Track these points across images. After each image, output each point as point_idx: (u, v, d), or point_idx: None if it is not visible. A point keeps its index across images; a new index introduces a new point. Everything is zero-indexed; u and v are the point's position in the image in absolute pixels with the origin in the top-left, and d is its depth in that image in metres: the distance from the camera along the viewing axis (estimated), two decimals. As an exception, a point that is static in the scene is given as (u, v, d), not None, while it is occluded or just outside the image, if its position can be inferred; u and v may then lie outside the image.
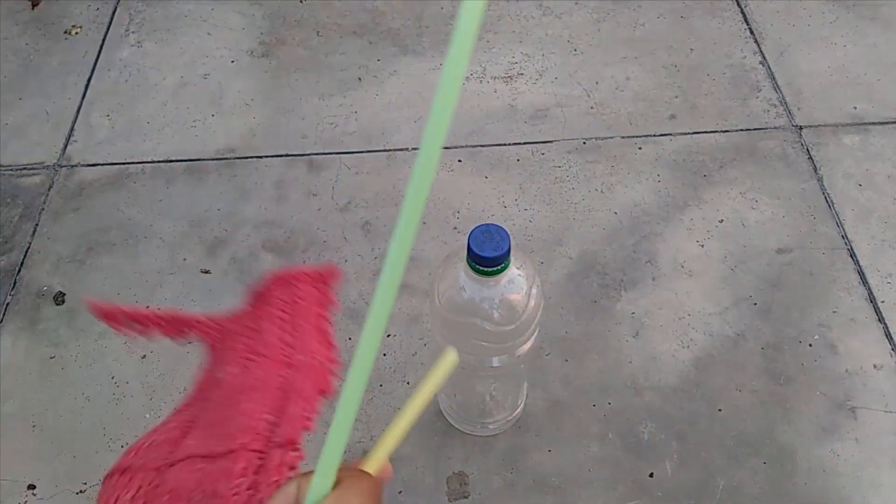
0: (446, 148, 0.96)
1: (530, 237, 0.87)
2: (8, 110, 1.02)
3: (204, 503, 0.29)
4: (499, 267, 0.53)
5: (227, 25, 1.13)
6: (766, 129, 0.98)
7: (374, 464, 0.28)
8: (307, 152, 0.96)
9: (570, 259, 0.85)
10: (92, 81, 1.05)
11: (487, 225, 0.53)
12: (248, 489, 0.30)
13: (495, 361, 0.61)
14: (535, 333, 0.62)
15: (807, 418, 0.73)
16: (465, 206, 0.90)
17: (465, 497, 0.69)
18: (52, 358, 0.78)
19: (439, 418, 0.73)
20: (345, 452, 0.27)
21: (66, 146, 0.98)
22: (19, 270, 0.85)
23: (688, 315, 0.80)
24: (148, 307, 0.31)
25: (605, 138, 0.97)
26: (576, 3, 1.14)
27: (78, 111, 1.01)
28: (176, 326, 0.35)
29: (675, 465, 0.70)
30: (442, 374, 0.30)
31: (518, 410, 0.72)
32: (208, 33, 1.11)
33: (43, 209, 0.91)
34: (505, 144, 0.96)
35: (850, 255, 0.85)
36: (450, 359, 0.30)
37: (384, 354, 0.77)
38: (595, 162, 0.94)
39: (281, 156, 0.96)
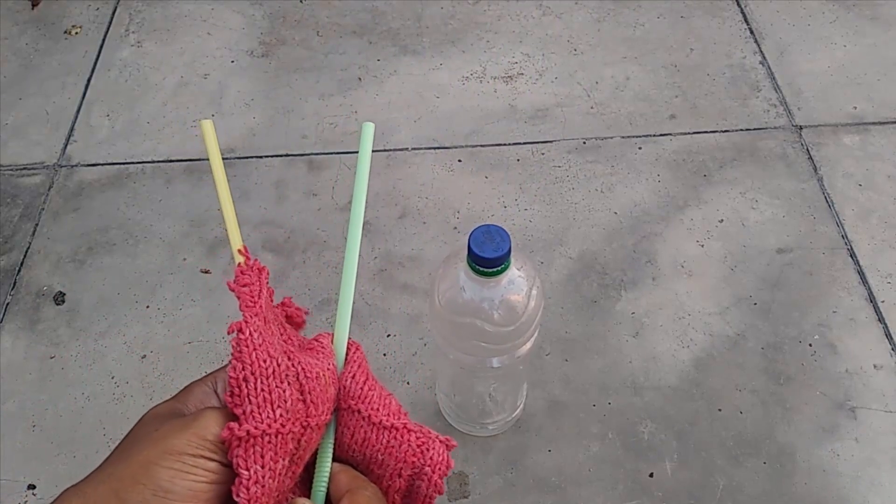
0: (446, 148, 0.96)
1: (530, 237, 0.87)
2: (8, 110, 1.02)
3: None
4: (499, 268, 0.53)
5: (227, 25, 1.13)
6: (766, 129, 0.98)
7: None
8: (307, 152, 0.96)
9: (570, 259, 0.85)
10: (92, 81, 1.05)
11: (488, 225, 0.53)
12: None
13: (495, 362, 0.61)
14: (536, 334, 0.62)
15: (807, 418, 0.73)
16: (465, 206, 0.90)
17: (465, 497, 0.69)
18: (52, 358, 0.78)
19: (439, 418, 0.73)
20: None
21: (66, 146, 0.98)
22: (19, 270, 0.85)
23: (688, 315, 0.80)
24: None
25: (605, 138, 0.97)
26: (576, 3, 1.14)
27: (78, 111, 1.01)
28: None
29: (675, 465, 0.70)
30: None
31: (518, 411, 0.72)
32: (208, 33, 1.11)
33: (43, 209, 0.91)
34: (505, 144, 0.96)
35: (850, 255, 0.85)
36: None
37: (384, 354, 0.78)
38: (595, 162, 0.94)
39: (281, 156, 0.96)
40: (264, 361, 0.29)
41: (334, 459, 0.32)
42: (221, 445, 0.28)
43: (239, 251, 0.33)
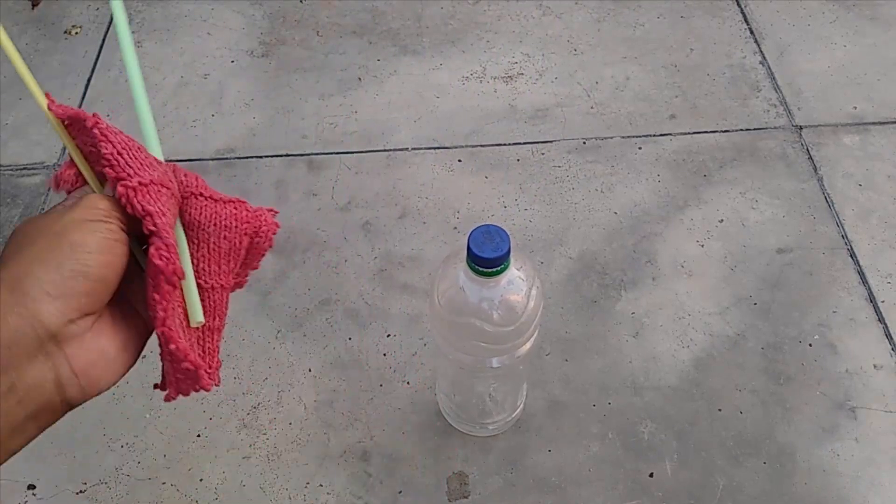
0: (446, 148, 0.96)
1: (530, 237, 0.87)
2: (8, 110, 1.02)
3: (216, 234, 0.37)
4: (498, 268, 0.53)
5: (227, 25, 1.13)
6: (766, 129, 0.98)
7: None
8: (307, 152, 0.96)
9: (570, 259, 0.85)
10: (92, 81, 1.05)
11: (487, 225, 0.53)
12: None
13: (495, 362, 0.61)
14: (535, 334, 0.62)
15: (807, 418, 0.73)
16: (465, 206, 0.90)
17: (465, 497, 0.69)
18: (52, 358, 0.78)
19: (439, 418, 0.73)
20: None
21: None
22: (19, 270, 0.85)
23: (688, 315, 0.80)
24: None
25: (605, 138, 0.97)
26: (576, 3, 1.14)
27: (78, 111, 1.01)
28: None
29: (675, 465, 0.70)
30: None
31: (518, 411, 0.72)
32: (208, 33, 1.11)
33: (43, 209, 0.91)
34: (505, 144, 0.96)
35: (850, 255, 0.85)
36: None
37: (384, 354, 0.78)
38: (595, 162, 0.94)
39: (281, 156, 0.96)
40: (129, 140, 0.34)
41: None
42: (114, 213, 0.31)
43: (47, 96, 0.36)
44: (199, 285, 0.36)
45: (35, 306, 0.28)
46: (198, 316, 0.36)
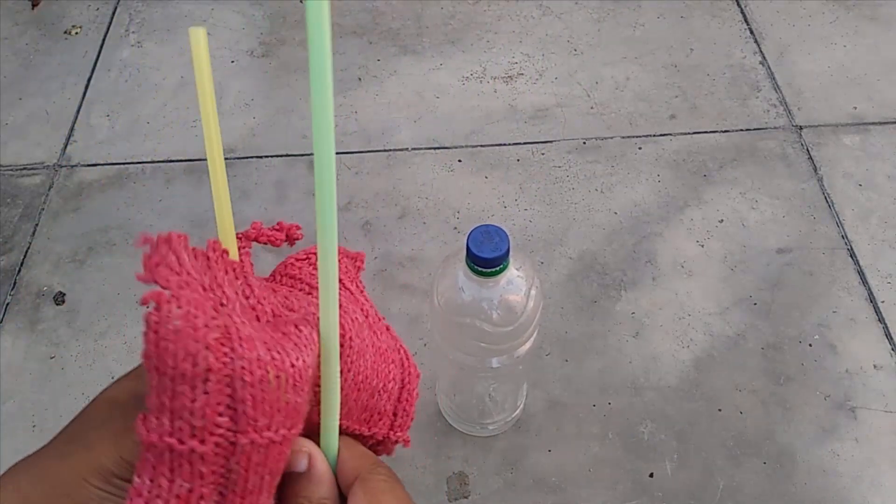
0: (446, 148, 0.96)
1: (530, 237, 0.87)
2: (8, 110, 1.02)
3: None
4: (498, 268, 0.53)
5: (227, 25, 1.13)
6: (766, 129, 0.98)
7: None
8: (307, 152, 0.96)
9: (570, 259, 0.85)
10: (92, 81, 1.05)
11: (487, 225, 0.53)
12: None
13: (494, 362, 0.61)
14: (535, 334, 0.62)
15: (807, 418, 0.73)
16: (465, 206, 0.90)
17: (465, 497, 0.69)
18: (52, 358, 0.78)
19: (439, 418, 0.73)
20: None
21: (66, 146, 0.98)
22: (19, 270, 0.85)
23: (688, 315, 0.80)
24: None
25: (605, 138, 0.97)
26: (576, 3, 1.14)
27: (78, 111, 1.01)
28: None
29: (675, 465, 0.70)
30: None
31: (518, 411, 0.72)
32: (208, 33, 1.11)
33: (43, 209, 0.91)
34: (505, 144, 0.96)
35: (850, 255, 0.85)
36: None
37: (384, 354, 0.77)
38: (595, 162, 0.94)
39: (281, 156, 0.96)
40: (173, 358, 0.22)
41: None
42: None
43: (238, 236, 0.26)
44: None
45: None
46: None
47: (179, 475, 0.22)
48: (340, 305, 0.26)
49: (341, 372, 0.27)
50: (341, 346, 0.27)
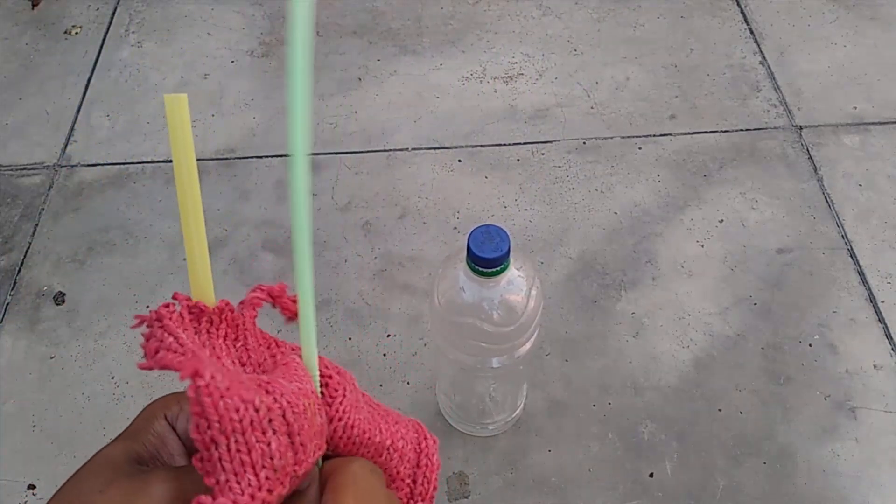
0: (446, 148, 0.96)
1: (530, 237, 0.87)
2: (8, 110, 1.02)
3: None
4: (498, 268, 0.53)
5: (227, 25, 1.13)
6: (766, 129, 0.98)
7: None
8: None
9: (570, 259, 0.85)
10: (92, 81, 1.05)
11: (487, 225, 0.53)
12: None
13: (495, 362, 0.61)
14: (535, 334, 0.62)
15: (807, 418, 0.73)
16: (465, 206, 0.90)
17: (465, 497, 0.69)
18: (52, 358, 0.78)
19: (439, 419, 0.73)
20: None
21: (66, 146, 0.98)
22: (19, 270, 0.85)
23: (688, 315, 0.80)
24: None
25: (605, 138, 0.97)
26: (576, 3, 1.14)
27: (78, 111, 1.01)
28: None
29: (675, 465, 0.70)
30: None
31: (518, 411, 0.72)
32: (208, 33, 1.11)
33: (43, 209, 0.91)
34: (505, 144, 0.96)
35: (850, 255, 0.85)
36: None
37: (384, 354, 0.78)
38: (595, 162, 0.94)
39: (281, 156, 0.96)
40: (237, 411, 0.22)
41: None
42: None
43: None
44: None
45: None
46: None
47: None
48: (330, 375, 0.27)
49: (330, 419, 0.26)
50: (325, 385, 0.27)
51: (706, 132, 0.97)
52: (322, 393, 0.26)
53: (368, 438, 0.27)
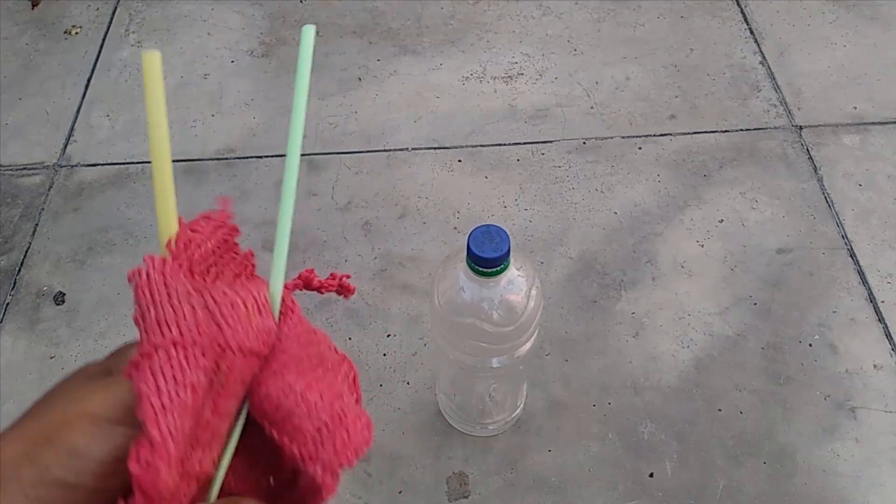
0: (446, 148, 0.96)
1: (530, 237, 0.87)
2: (8, 110, 1.02)
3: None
4: (498, 268, 0.53)
5: (227, 25, 1.13)
6: (766, 129, 0.98)
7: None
8: (307, 152, 0.96)
9: (570, 259, 0.85)
10: (92, 81, 1.05)
11: (487, 225, 0.53)
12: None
13: (495, 362, 0.61)
14: (535, 334, 0.62)
15: (807, 418, 0.73)
16: (465, 206, 0.90)
17: (465, 497, 0.69)
18: (52, 358, 0.78)
19: (439, 418, 0.73)
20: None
21: (66, 146, 0.98)
22: (19, 270, 0.85)
23: (688, 315, 0.80)
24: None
25: (605, 138, 0.97)
26: (576, 3, 1.14)
27: (78, 111, 1.01)
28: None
29: (675, 465, 0.70)
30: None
31: (518, 411, 0.72)
32: (208, 33, 1.11)
33: (43, 209, 0.91)
34: (505, 144, 0.96)
35: (850, 255, 0.85)
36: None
37: (384, 354, 0.78)
38: (595, 162, 0.94)
39: (281, 156, 0.95)
40: (162, 290, 0.27)
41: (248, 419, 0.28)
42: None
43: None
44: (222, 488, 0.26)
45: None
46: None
47: (177, 365, 0.25)
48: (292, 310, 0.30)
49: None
50: (282, 314, 0.30)
51: (706, 132, 0.97)
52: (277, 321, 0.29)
53: (307, 336, 0.30)
